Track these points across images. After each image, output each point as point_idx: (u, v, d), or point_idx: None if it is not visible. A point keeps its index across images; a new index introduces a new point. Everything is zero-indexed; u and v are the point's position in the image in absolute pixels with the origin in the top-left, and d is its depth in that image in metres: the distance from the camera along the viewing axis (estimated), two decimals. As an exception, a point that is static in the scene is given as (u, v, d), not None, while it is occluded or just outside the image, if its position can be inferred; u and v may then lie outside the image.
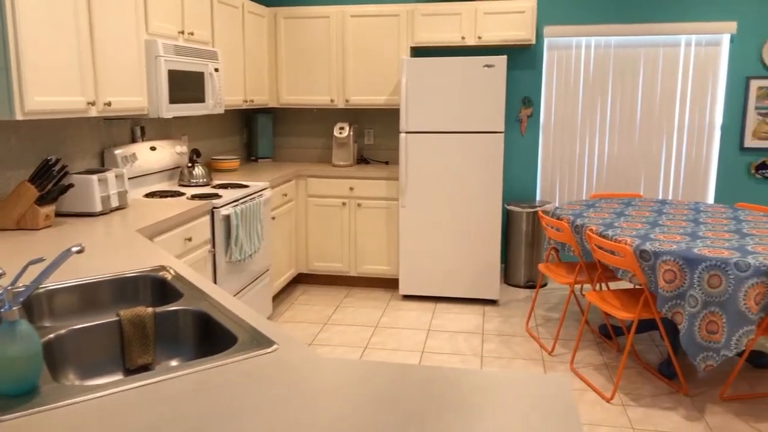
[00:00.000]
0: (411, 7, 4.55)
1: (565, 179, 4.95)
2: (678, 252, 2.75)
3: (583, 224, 3.37)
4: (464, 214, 4.29)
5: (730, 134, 4.65)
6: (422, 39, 4.58)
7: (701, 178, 4.75)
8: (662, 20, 4.60)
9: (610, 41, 4.72)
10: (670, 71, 4.68)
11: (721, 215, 3.56)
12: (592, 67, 4.78)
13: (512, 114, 4.94)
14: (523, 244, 4.71)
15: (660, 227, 3.24)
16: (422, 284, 4.42)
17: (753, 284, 2.55)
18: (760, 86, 4.54)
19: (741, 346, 2.59)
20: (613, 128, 4.82)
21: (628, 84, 4.75)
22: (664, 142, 4.76)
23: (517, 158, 4.99)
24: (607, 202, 4.01)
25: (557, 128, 4.90)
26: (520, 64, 4.86)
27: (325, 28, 4.70)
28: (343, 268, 4.67)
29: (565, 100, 4.86)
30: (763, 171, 4.62)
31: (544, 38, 4.78)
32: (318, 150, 5.22)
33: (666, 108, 4.72)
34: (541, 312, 4.20)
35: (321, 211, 4.63)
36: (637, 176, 4.84)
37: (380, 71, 4.67)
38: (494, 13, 4.46)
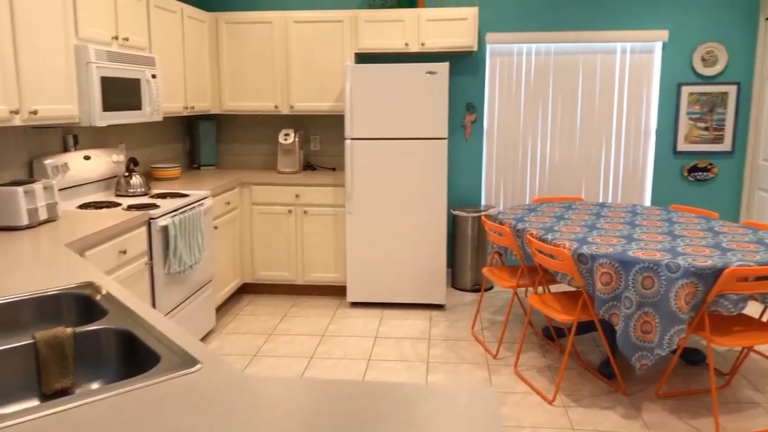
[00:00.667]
0: (354, 13, 4.55)
1: (509, 183, 5.04)
2: (613, 255, 2.82)
3: (524, 228, 3.43)
4: (410, 220, 4.31)
5: (664, 138, 4.83)
6: (366, 45, 4.58)
7: (638, 181, 4.92)
8: (599, 28, 4.74)
9: (550, 48, 4.84)
10: (608, 77, 4.82)
11: (655, 217, 3.68)
12: (533, 74, 4.88)
13: (457, 120, 4.99)
14: (469, 248, 4.76)
15: (598, 230, 3.33)
16: (370, 291, 4.40)
17: (683, 285, 2.64)
18: (691, 92, 4.73)
19: (673, 345, 2.68)
20: (555, 133, 4.93)
21: (568, 90, 4.87)
22: (603, 146, 4.90)
23: (462, 163, 5.05)
24: (549, 206, 4.09)
25: (500, 134, 4.98)
26: (463, 70, 4.92)
27: (268, 34, 4.65)
28: (289, 276, 4.61)
29: (507, 106, 4.94)
30: (696, 173, 4.81)
31: (487, 45, 4.85)
32: (263, 157, 5.15)
33: (604, 113, 4.86)
34: (487, 315, 4.25)
35: (266, 219, 4.56)
36: (578, 180, 4.97)
37: (325, 77, 4.64)
38: (437, 20, 4.50)
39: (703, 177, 4.80)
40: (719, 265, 2.65)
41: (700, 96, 4.72)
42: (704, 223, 3.51)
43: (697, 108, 4.74)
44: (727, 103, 4.70)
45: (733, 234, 3.21)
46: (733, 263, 2.66)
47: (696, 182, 4.84)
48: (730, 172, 4.79)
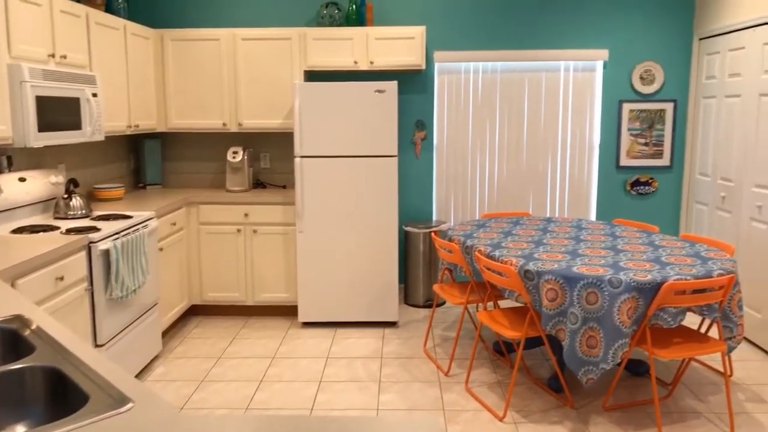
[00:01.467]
0: (303, 31, 4.54)
1: (459, 199, 5.09)
2: (558, 271, 2.88)
3: (473, 245, 3.46)
4: (362, 238, 4.30)
5: (607, 153, 4.98)
6: (315, 63, 4.58)
7: (584, 196, 5.05)
8: (543, 47, 4.87)
9: (497, 66, 4.93)
10: (552, 94, 4.95)
11: (599, 232, 3.78)
12: (480, 91, 4.96)
13: (407, 136, 5.03)
14: (421, 263, 4.78)
15: (544, 246, 3.39)
16: (322, 310, 4.36)
17: (625, 299, 2.71)
18: (631, 109, 4.90)
19: (617, 359, 2.74)
20: (502, 149, 5.02)
21: (515, 106, 4.97)
22: (549, 161, 5.02)
23: (413, 180, 5.08)
24: (497, 222, 4.15)
25: (450, 150, 5.04)
26: (412, 87, 4.97)
27: (215, 51, 4.59)
28: (239, 297, 4.53)
29: (456, 123, 5.01)
30: (637, 187, 4.97)
31: (435, 63, 4.92)
32: (211, 175, 5.06)
33: (550, 129, 4.98)
34: (439, 332, 4.26)
35: (214, 239, 4.47)
36: (526, 195, 5.06)
37: (274, 94, 4.61)
38: (385, 38, 4.53)
39: (645, 191, 4.97)
40: (658, 279, 2.73)
41: (639, 113, 4.90)
42: (645, 237, 3.62)
43: (637, 124, 4.91)
44: (665, 119, 4.89)
45: (671, 248, 3.33)
46: (671, 277, 2.75)
47: (638, 196, 5.00)
48: (670, 186, 4.97)
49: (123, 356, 3.30)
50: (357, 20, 4.70)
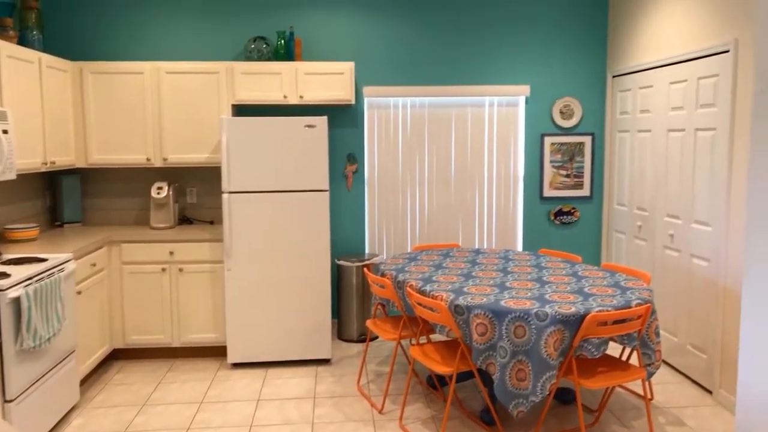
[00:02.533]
0: (230, 65, 4.49)
1: (391, 232, 5.13)
2: (487, 305, 2.93)
3: (405, 280, 3.48)
4: (293, 274, 4.23)
5: (531, 185, 5.15)
6: (243, 97, 4.53)
7: (510, 226, 5.19)
8: (469, 83, 5.02)
9: (425, 101, 5.04)
10: (478, 128, 5.10)
11: (526, 263, 3.89)
12: (409, 125, 5.05)
13: (338, 170, 5.03)
14: (354, 297, 4.75)
15: (473, 279, 3.45)
16: (252, 350, 4.24)
17: (551, 332, 2.79)
18: (553, 142, 5.11)
19: (545, 391, 2.80)
20: (432, 182, 5.11)
21: (443, 140, 5.08)
22: (476, 193, 5.14)
23: (345, 213, 5.07)
24: (428, 254, 4.19)
25: (381, 183, 5.08)
26: (343, 121, 5.00)
27: (139, 84, 4.46)
28: (165, 339, 4.34)
29: (387, 156, 5.06)
30: (561, 217, 5.17)
31: (364, 98, 4.97)
32: (135, 212, 4.87)
33: (476, 162, 5.12)
34: (373, 367, 4.23)
35: (138, 279, 4.29)
36: (455, 226, 5.15)
37: (201, 128, 4.52)
38: (314, 73, 4.55)
39: (568, 220, 5.17)
40: (582, 311, 2.83)
41: (560, 146, 5.11)
42: (569, 267, 3.75)
43: (558, 157, 5.12)
44: (584, 152, 5.13)
45: (593, 278, 3.46)
46: (593, 309, 2.85)
47: (562, 225, 5.19)
48: (591, 216, 5.20)
49: (36, 410, 3.08)
50: (286, 55, 4.70)
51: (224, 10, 4.83)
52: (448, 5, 4.96)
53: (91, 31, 4.77)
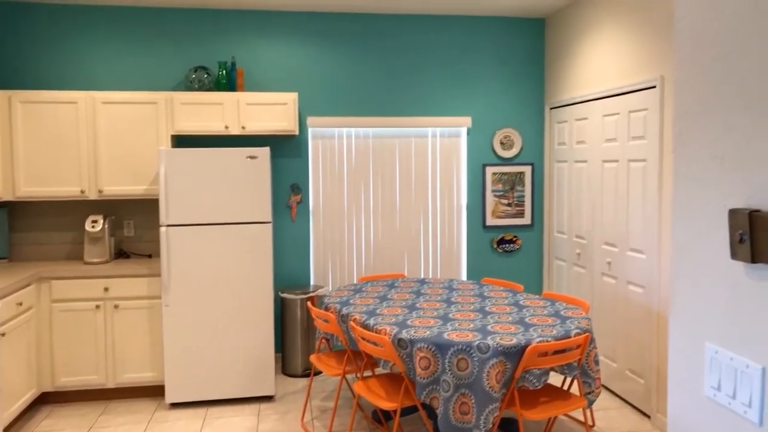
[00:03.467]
0: (169, 95, 4.40)
1: (337, 263, 5.08)
2: (430, 338, 2.92)
3: (349, 313, 3.44)
4: (234, 308, 4.13)
5: (474, 214, 5.23)
6: (183, 128, 4.44)
7: (455, 255, 5.24)
8: (412, 114, 5.09)
9: (369, 132, 5.07)
10: (422, 158, 5.15)
11: (469, 293, 3.91)
12: (354, 155, 5.06)
13: (283, 200, 4.98)
14: (299, 331, 4.67)
15: (417, 311, 3.44)
16: (192, 389, 4.09)
17: (493, 364, 2.80)
18: (494, 172, 5.21)
19: (489, 424, 2.79)
20: (377, 211, 5.11)
21: (387, 170, 5.11)
22: (421, 222, 5.17)
23: (289, 244, 5.00)
24: (373, 285, 4.17)
25: (326, 213, 5.05)
26: (287, 152, 4.96)
27: (72, 114, 4.31)
28: (98, 380, 4.13)
29: (331, 186, 5.04)
30: (503, 245, 5.25)
31: (308, 128, 4.96)
32: (68, 246, 4.66)
33: (421, 192, 5.16)
34: (318, 402, 4.14)
35: (69, 317, 4.08)
36: (401, 256, 5.16)
37: (139, 160, 4.39)
38: (257, 104, 4.51)
39: (510, 248, 5.26)
40: (523, 342, 2.85)
41: (501, 175, 5.22)
42: (511, 296, 3.79)
43: (500, 186, 5.23)
44: (524, 181, 5.25)
45: (534, 307, 3.51)
46: (534, 339, 2.88)
47: (504, 253, 5.27)
48: (532, 244, 5.30)
49: (-50, 465, 2.86)
50: (227, 85, 4.65)
51: (165, 40, 4.75)
52: (391, 37, 5.03)
53: (21, 59, 4.59)
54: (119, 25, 4.69)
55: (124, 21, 4.69)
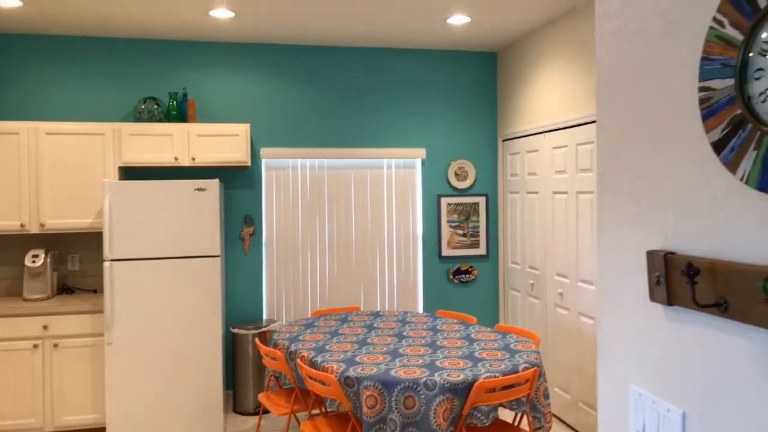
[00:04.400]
0: (118, 126, 4.31)
1: (291, 296, 4.99)
2: (377, 376, 2.86)
3: (297, 350, 3.35)
4: (182, 345, 3.99)
5: (430, 245, 5.22)
6: (131, 159, 4.34)
7: (411, 286, 5.20)
8: (367, 146, 5.08)
9: (324, 163, 5.04)
10: (377, 190, 5.14)
11: (422, 326, 3.87)
12: (309, 186, 5.01)
13: (235, 233, 4.88)
14: (250, 367, 4.54)
15: (367, 346, 3.37)
16: (136, 430, 3.91)
17: (440, 401, 2.75)
18: (449, 203, 5.22)
19: (436, 464, 2.73)
20: (332, 243, 5.06)
21: (343, 201, 5.08)
22: (377, 254, 5.13)
23: (242, 277, 4.90)
24: (326, 320, 4.09)
25: (280, 246, 4.97)
26: (239, 183, 4.89)
27: (13, 145, 4.17)
28: (35, 423, 3.93)
29: (285, 218, 4.98)
30: (459, 276, 5.24)
31: (261, 159, 4.90)
32: (7, 282, 4.47)
33: (376, 223, 5.13)
34: (269, 442, 4.01)
35: (3, 358, 3.89)
36: (357, 288, 5.10)
37: (84, 192, 4.26)
38: (208, 135, 4.45)
39: (466, 279, 5.25)
40: (470, 378, 2.81)
41: (456, 206, 5.24)
42: (463, 329, 3.76)
43: (455, 217, 5.24)
44: (479, 212, 5.27)
45: (485, 340, 3.48)
46: (482, 375, 2.85)
47: (460, 284, 5.26)
48: (488, 274, 5.31)
49: None
50: (178, 116, 4.58)
51: (116, 70, 4.66)
52: (346, 69, 5.05)
53: (-39, 89, 4.45)
54: (68, 56, 4.59)
55: (74, 51, 4.60)
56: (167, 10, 3.99)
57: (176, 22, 4.27)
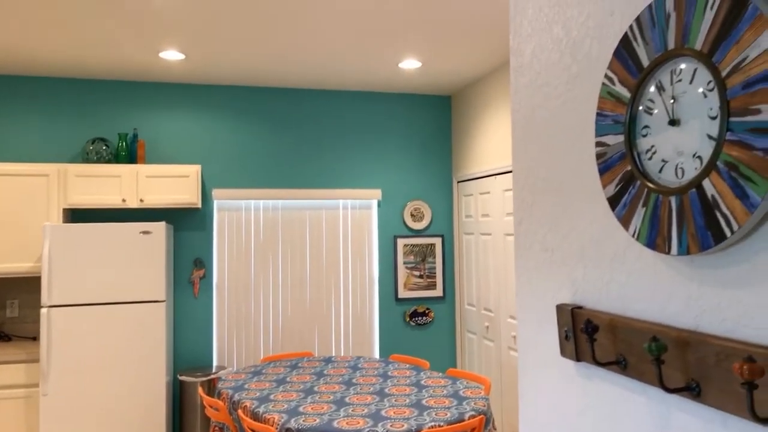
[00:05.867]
0: (63, 167, 4.21)
1: (242, 341, 4.86)
2: (319, 428, 2.76)
3: (240, 400, 3.23)
4: (123, 395, 3.82)
5: (386, 286, 5.16)
6: (77, 201, 4.22)
7: (367, 330, 5.11)
8: (322, 186, 5.06)
9: (278, 204, 4.99)
10: (333, 231, 5.09)
11: (373, 372, 3.78)
12: (262, 228, 4.94)
13: (184, 276, 4.76)
14: (198, 416, 4.36)
15: (313, 395, 3.27)
16: (70, 487, 3.70)
17: (383, 453, 2.65)
18: (405, 243, 5.20)
19: None
20: (286, 286, 4.96)
21: (297, 243, 5.01)
22: (332, 297, 5.05)
23: (191, 322, 4.75)
24: (275, 366, 3.97)
25: (232, 289, 4.86)
26: (190, 225, 4.79)
27: (-49, 187, 4.03)
28: (-40, 483, 3.69)
29: (238, 261, 4.88)
30: (416, 318, 5.18)
31: (213, 200, 4.83)
32: (-61, 329, 4.26)
33: (332, 265, 5.07)
34: (213, 497, 3.83)
35: (-72, 412, 3.67)
36: (311, 332, 4.99)
37: (25, 235, 4.11)
38: (158, 176, 4.37)
39: (423, 321, 5.19)
40: (414, 428, 2.74)
41: (413, 247, 5.22)
42: (414, 375, 3.69)
43: (411, 258, 5.21)
44: (435, 253, 5.26)
45: (435, 387, 3.41)
46: (426, 425, 2.77)
47: (417, 326, 5.20)
48: (445, 316, 5.26)
49: None
50: (127, 157, 4.50)
51: (63, 110, 4.58)
52: (301, 111, 5.05)
53: None
54: (15, 95, 4.50)
55: (21, 91, 4.51)
56: (117, 51, 3.96)
57: (127, 63, 4.23)
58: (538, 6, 1.35)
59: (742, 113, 0.79)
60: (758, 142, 0.77)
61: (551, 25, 1.30)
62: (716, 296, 0.87)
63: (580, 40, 1.19)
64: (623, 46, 1.01)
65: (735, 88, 0.80)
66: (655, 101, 0.95)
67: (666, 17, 0.92)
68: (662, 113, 0.93)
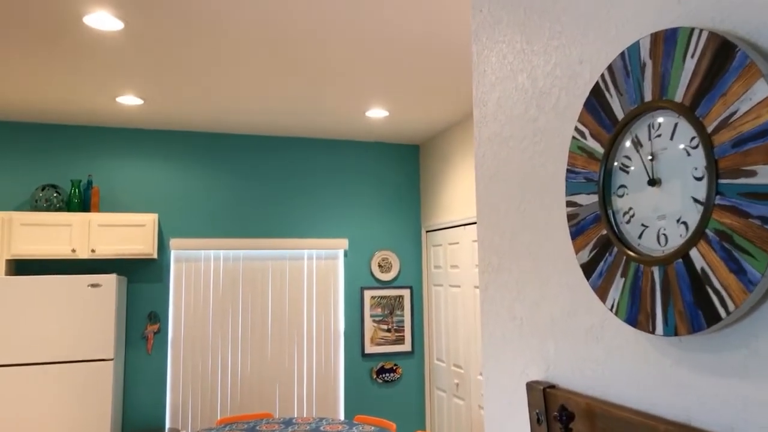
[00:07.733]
0: (8, 215, 3.97)
1: (198, 401, 4.57)
2: (272, 503, 2.52)
3: (188, 471, 2.97)
4: (62, 464, 3.50)
5: (352, 341, 4.95)
6: (22, 251, 3.97)
7: (332, 388, 4.87)
8: (286, 236, 4.89)
9: (239, 254, 4.79)
10: (297, 282, 4.90)
11: (335, 435, 3.55)
12: (222, 280, 4.73)
13: (137, 331, 4.49)
14: (146, 485, 4.04)
15: (269, 463, 3.03)
16: None
17: None
18: (373, 295, 5.03)
19: None
20: (246, 341, 4.72)
21: (259, 295, 4.80)
22: (295, 353, 4.82)
23: (143, 380, 4.46)
24: (231, 429, 3.71)
25: (188, 345, 4.59)
26: (145, 276, 4.55)
27: None
28: None
29: (195, 314, 4.64)
30: (383, 375, 4.97)
31: (171, 250, 4.61)
32: None
33: (295, 318, 4.85)
34: None
35: None
36: (272, 391, 4.73)
37: (-36, 288, 3.83)
38: (111, 225, 4.16)
39: (390, 378, 4.97)
40: (376, 502, 2.52)
41: (380, 299, 5.05)
42: (379, 438, 3.47)
43: (379, 310, 5.03)
44: (403, 305, 5.09)
45: (400, 452, 3.20)
46: (390, 498, 2.56)
47: (384, 384, 4.98)
48: (413, 372, 5.06)
49: None
50: (80, 205, 4.28)
51: (12, 156, 4.37)
52: (265, 158, 4.92)
53: None
54: (-41, 140, 4.28)
55: (-34, 135, 4.30)
56: (72, 95, 3.80)
57: (82, 107, 4.07)
58: (502, 54, 1.26)
59: (734, 175, 0.68)
60: (754, 209, 0.66)
61: (516, 73, 1.20)
62: (711, 385, 0.74)
63: (547, 90, 1.09)
64: (595, 97, 0.91)
65: (723, 146, 0.70)
66: (632, 158, 0.84)
67: (641, 66, 0.82)
68: (640, 171, 0.83)
